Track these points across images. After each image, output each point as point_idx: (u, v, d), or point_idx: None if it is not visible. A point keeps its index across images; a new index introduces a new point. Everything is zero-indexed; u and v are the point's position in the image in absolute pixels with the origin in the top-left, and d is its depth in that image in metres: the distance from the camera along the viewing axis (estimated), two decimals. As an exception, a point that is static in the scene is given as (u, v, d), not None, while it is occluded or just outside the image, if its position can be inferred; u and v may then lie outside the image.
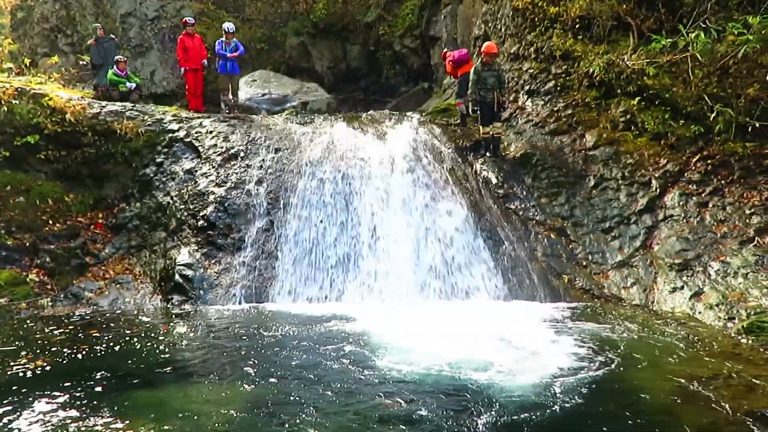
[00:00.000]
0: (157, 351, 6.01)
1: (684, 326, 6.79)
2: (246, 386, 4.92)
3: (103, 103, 11.42)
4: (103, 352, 5.95)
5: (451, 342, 6.11)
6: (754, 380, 4.97)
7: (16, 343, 6.34)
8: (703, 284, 7.66)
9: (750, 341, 6.15)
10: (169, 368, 5.53)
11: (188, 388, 4.93)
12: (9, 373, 5.29)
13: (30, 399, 4.61)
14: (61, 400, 4.60)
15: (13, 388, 4.89)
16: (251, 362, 5.58)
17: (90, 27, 15.99)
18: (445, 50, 13.40)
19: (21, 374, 5.25)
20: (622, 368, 5.25)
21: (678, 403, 4.55)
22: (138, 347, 6.12)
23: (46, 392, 4.74)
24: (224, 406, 4.47)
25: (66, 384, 4.92)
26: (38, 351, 5.97)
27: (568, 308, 7.73)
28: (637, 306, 7.93)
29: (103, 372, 5.26)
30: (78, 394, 4.74)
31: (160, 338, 6.50)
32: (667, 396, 4.65)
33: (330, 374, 5.19)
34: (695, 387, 4.82)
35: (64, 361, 5.66)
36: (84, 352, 5.92)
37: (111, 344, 6.23)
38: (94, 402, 4.56)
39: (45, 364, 5.55)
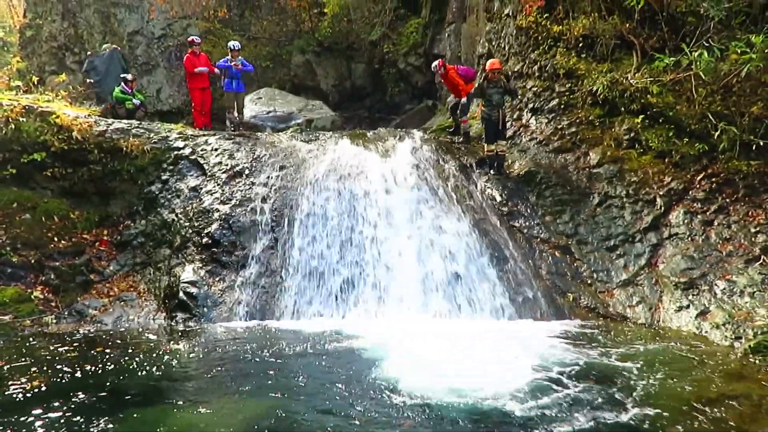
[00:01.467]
0: (161, 369, 5.98)
1: (690, 346, 6.74)
2: (249, 405, 4.90)
3: (110, 120, 11.51)
4: (106, 370, 5.92)
5: (455, 362, 6.08)
6: (761, 400, 4.93)
7: (20, 360, 6.33)
8: (709, 303, 7.62)
9: (757, 361, 6.10)
10: (171, 386, 5.52)
11: (191, 407, 4.91)
12: (9, 391, 5.27)
13: (30, 416, 4.59)
14: (62, 417, 4.58)
15: (15, 405, 4.87)
16: (254, 381, 5.56)
17: (98, 46, 16.19)
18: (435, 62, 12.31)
19: (23, 392, 5.23)
20: (627, 388, 5.21)
21: (685, 422, 4.51)
22: (141, 365, 6.10)
23: (47, 409, 4.72)
24: (226, 425, 4.45)
25: (68, 402, 4.91)
26: (41, 368, 5.95)
27: (573, 327, 7.68)
28: (643, 325, 7.88)
29: (106, 390, 5.25)
30: (80, 412, 4.71)
31: (164, 356, 6.48)
32: (674, 416, 4.61)
33: (333, 393, 5.16)
34: (702, 407, 4.78)
35: (67, 379, 5.64)
36: (87, 370, 5.90)
37: (114, 362, 6.21)
38: (97, 420, 4.53)
39: (47, 381, 5.53)
